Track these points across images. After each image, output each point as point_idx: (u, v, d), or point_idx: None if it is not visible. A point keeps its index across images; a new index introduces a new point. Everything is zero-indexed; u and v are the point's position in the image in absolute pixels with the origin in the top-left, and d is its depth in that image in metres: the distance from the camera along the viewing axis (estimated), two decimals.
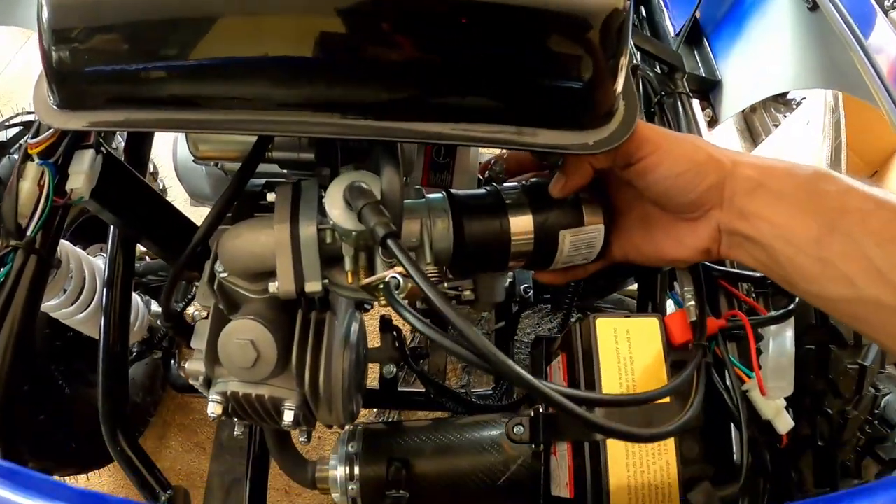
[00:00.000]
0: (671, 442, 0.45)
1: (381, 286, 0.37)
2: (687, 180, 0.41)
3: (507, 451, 0.62)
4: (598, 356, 0.45)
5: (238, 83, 0.36)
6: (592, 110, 0.38)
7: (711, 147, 0.43)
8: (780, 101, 1.95)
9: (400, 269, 0.36)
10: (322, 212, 0.43)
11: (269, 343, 0.47)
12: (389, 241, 0.35)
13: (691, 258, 0.46)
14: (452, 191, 0.48)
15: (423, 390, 0.88)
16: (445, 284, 0.49)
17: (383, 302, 0.40)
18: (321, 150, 0.50)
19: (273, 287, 0.44)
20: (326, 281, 0.44)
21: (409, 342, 1.24)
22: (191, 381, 0.53)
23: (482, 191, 0.49)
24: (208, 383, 0.52)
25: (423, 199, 0.47)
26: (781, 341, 0.54)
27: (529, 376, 0.33)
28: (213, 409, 0.51)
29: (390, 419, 1.26)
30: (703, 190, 0.41)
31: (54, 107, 0.41)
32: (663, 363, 0.46)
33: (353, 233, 0.39)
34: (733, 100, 0.96)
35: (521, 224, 0.46)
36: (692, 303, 0.50)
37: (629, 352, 0.46)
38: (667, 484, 0.44)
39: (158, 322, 1.00)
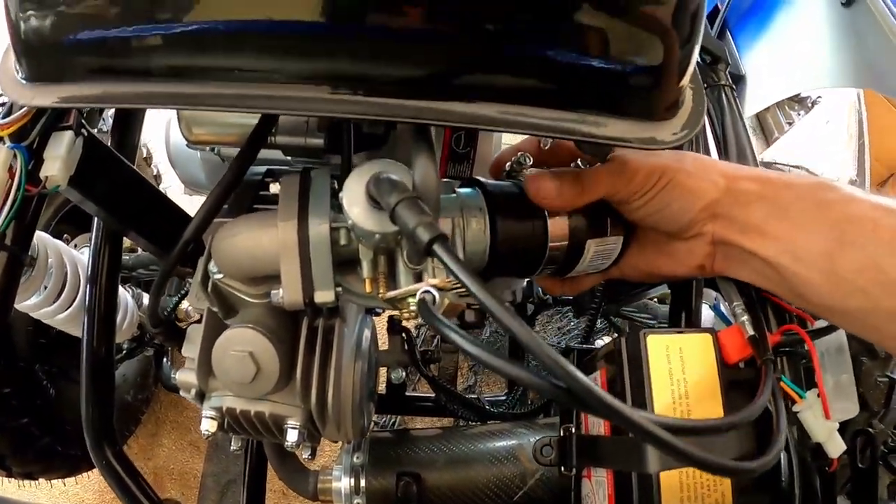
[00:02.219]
0: None
1: (410, 300, 0.31)
2: (681, 207, 0.40)
3: (523, 463, 0.59)
4: (649, 378, 0.40)
5: (240, 49, 0.29)
6: (665, 98, 0.32)
7: (704, 164, 0.41)
8: (795, 100, 1.90)
9: (436, 280, 0.30)
10: (335, 207, 0.37)
11: (270, 355, 0.42)
12: (438, 248, 0.28)
13: (685, 274, 0.45)
14: (483, 180, 0.43)
15: (432, 395, 0.84)
16: None
17: (406, 314, 0.35)
18: (332, 134, 0.44)
19: (277, 296, 0.38)
20: (340, 289, 0.38)
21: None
22: (182, 394, 0.48)
23: (513, 186, 0.44)
24: (201, 396, 0.47)
25: (455, 195, 0.41)
26: (838, 357, 0.49)
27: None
28: (208, 426, 0.45)
29: (392, 424, 1.22)
30: (698, 210, 0.41)
31: (22, 80, 0.36)
32: (718, 385, 0.41)
33: (377, 235, 0.33)
34: (759, 96, 0.93)
35: (558, 227, 0.43)
36: (745, 317, 0.46)
37: (682, 373, 0.40)
38: None
39: None
